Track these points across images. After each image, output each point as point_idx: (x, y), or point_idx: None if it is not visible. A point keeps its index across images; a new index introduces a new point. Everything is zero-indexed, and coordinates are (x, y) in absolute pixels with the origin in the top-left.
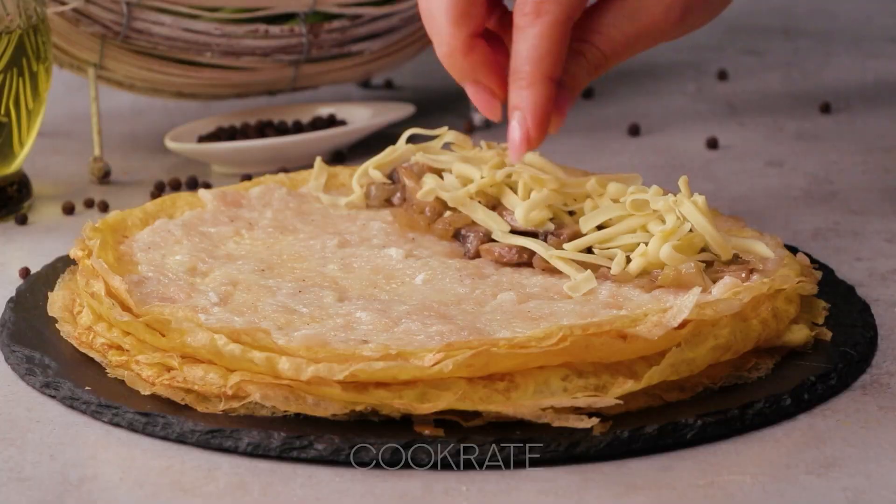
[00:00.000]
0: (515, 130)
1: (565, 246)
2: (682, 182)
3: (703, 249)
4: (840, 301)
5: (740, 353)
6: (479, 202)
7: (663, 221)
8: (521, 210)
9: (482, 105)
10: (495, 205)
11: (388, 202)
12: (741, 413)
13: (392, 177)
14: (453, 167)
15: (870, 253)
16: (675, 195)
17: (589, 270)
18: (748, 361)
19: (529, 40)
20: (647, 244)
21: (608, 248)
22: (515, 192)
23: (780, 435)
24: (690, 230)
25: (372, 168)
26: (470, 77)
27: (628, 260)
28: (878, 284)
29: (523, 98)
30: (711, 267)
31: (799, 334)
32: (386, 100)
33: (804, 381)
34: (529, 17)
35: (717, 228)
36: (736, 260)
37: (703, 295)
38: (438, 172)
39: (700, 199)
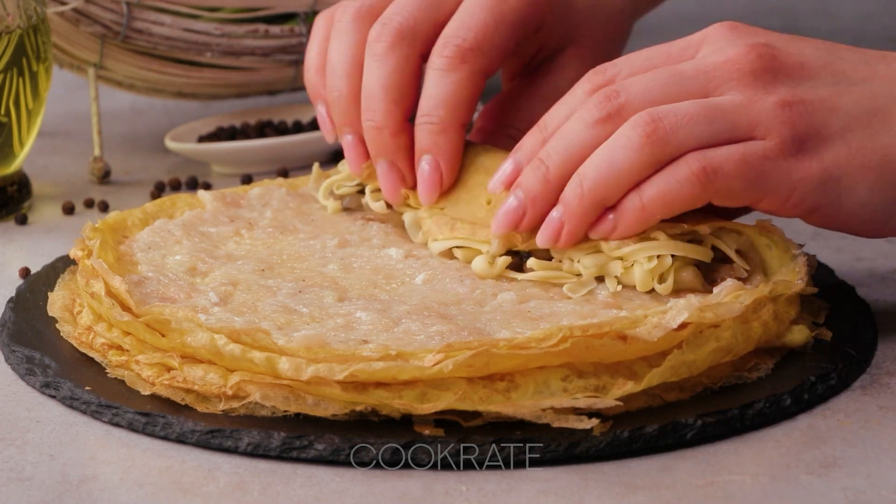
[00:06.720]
0: (428, 173)
1: (529, 263)
2: None
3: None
4: (840, 301)
5: (741, 355)
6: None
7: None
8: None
9: (390, 188)
10: None
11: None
12: (741, 413)
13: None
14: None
15: (870, 253)
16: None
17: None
18: (748, 361)
19: (448, 85)
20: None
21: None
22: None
23: (780, 435)
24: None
25: (335, 188)
26: (389, 157)
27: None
28: (878, 284)
29: (438, 143)
30: (711, 266)
31: (799, 335)
32: None
33: (804, 381)
34: (452, 60)
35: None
36: (728, 260)
37: (704, 296)
38: None
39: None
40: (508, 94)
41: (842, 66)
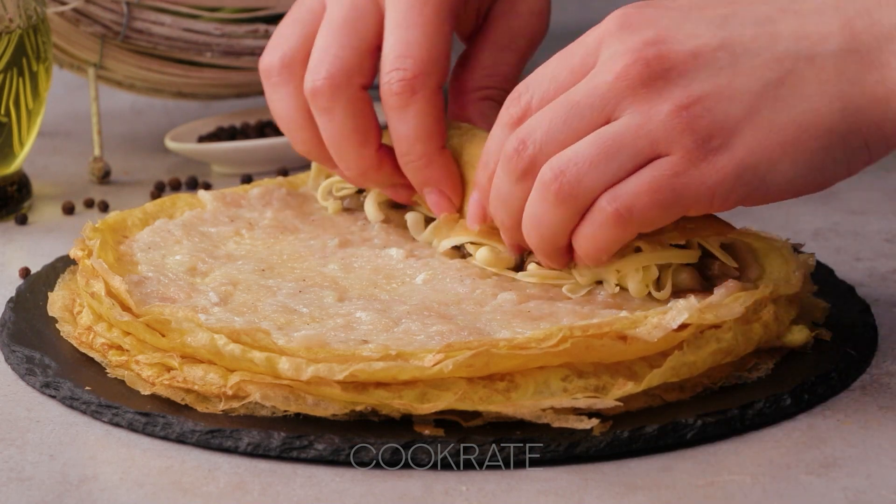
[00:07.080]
0: (438, 201)
1: (529, 268)
2: None
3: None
4: (840, 301)
5: (741, 356)
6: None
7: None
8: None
9: (401, 201)
10: None
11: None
12: (741, 413)
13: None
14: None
15: (870, 253)
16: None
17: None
18: (748, 361)
19: (411, 120)
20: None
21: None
22: None
23: (780, 435)
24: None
25: (335, 190)
26: (385, 185)
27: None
28: (878, 284)
29: (430, 175)
30: (703, 263)
31: (799, 335)
32: None
33: (804, 381)
34: (403, 96)
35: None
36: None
37: (704, 297)
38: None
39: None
40: (469, 55)
41: (740, 38)
